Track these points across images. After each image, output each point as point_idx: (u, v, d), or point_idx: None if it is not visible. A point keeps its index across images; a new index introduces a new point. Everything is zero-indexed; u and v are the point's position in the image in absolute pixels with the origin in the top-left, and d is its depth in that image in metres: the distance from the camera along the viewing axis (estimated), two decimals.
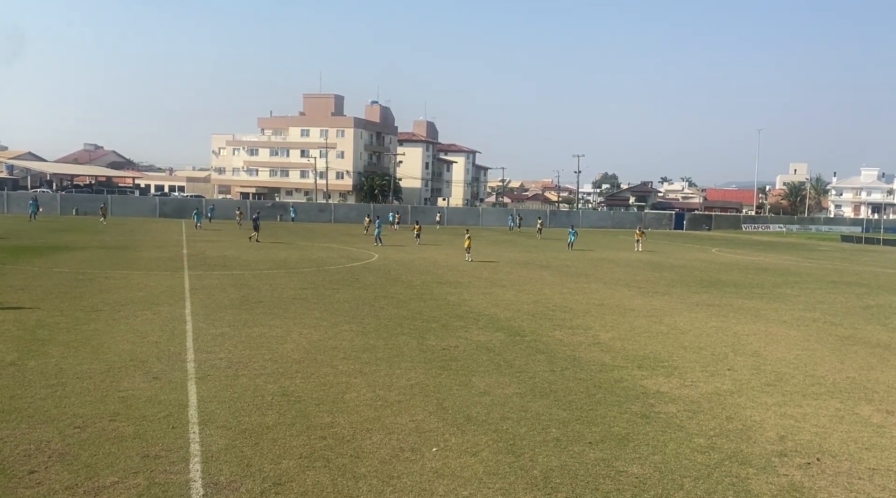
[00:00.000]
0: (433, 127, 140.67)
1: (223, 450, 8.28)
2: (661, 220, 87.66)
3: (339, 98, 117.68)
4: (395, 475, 7.78)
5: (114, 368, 11.52)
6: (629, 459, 8.52)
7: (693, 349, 15.02)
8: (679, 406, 10.79)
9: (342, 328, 15.69)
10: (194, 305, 17.87)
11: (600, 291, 24.10)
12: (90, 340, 13.43)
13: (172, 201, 70.45)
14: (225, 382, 11.05)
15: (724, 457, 8.75)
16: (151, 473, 7.56)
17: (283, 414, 9.65)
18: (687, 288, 25.84)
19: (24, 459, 7.77)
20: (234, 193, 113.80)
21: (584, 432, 9.39)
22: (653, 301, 22.07)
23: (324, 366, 12.31)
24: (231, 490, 7.25)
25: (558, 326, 16.93)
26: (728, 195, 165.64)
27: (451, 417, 9.82)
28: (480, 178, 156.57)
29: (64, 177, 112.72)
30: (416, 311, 18.41)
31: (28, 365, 11.52)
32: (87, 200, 67.11)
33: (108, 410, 9.45)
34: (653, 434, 9.46)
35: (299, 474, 7.70)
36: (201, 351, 12.96)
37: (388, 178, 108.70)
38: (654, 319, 18.57)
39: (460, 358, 13.29)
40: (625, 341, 15.52)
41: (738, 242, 60.88)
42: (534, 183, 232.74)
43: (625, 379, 12.27)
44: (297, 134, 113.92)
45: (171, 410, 9.57)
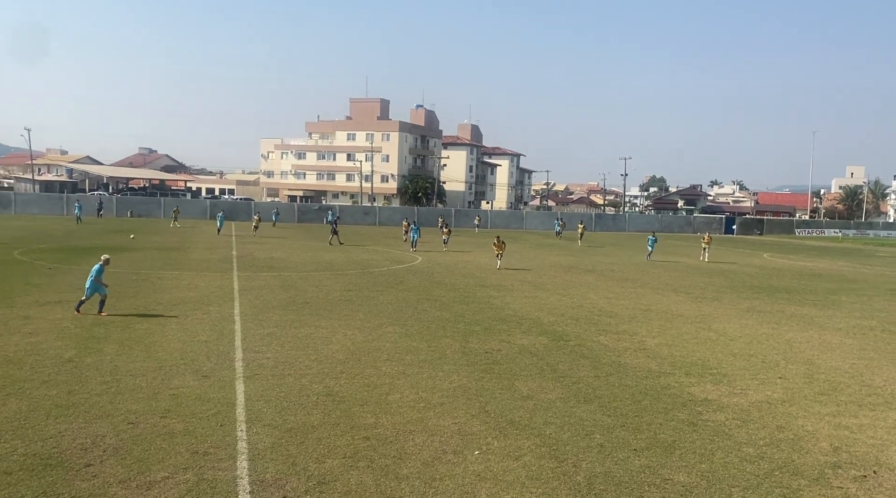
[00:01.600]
0: (477, 130, 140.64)
1: (269, 448, 8.44)
2: (710, 224, 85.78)
3: (384, 102, 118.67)
4: (437, 477, 7.80)
5: (165, 366, 11.85)
6: (675, 467, 8.36)
7: (743, 356, 14.66)
8: (728, 414, 10.55)
9: (386, 330, 15.81)
10: (243, 305, 18.25)
11: (647, 295, 23.72)
12: (143, 339, 13.84)
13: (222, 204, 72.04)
14: (272, 381, 11.25)
15: (775, 467, 8.51)
16: (200, 469, 7.75)
17: (328, 414, 9.78)
18: (737, 294, 25.24)
19: (81, 452, 8.06)
20: (282, 196, 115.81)
21: (629, 439, 9.26)
22: (701, 307, 21.62)
23: (367, 367, 12.43)
24: (276, 488, 7.38)
25: (603, 331, 16.73)
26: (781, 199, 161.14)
27: (494, 420, 9.80)
28: (524, 182, 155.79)
29: (120, 180, 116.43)
30: (459, 314, 18.42)
31: (85, 362, 11.94)
32: (142, 203, 69.18)
33: (160, 407, 9.72)
34: (700, 442, 9.27)
35: (343, 474, 7.79)
36: (249, 350, 13.23)
37: (431, 181, 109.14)
38: (702, 325, 18.19)
39: (503, 361, 13.25)
40: (672, 347, 15.25)
41: (791, 247, 59.18)
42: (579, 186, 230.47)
43: (671, 386, 12.05)
44: (343, 138, 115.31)
45: (219, 408, 9.79)
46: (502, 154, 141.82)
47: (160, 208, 66.42)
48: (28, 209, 62.40)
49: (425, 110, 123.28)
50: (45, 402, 9.74)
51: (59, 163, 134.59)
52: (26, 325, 14.68)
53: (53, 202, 64.19)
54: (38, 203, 64.47)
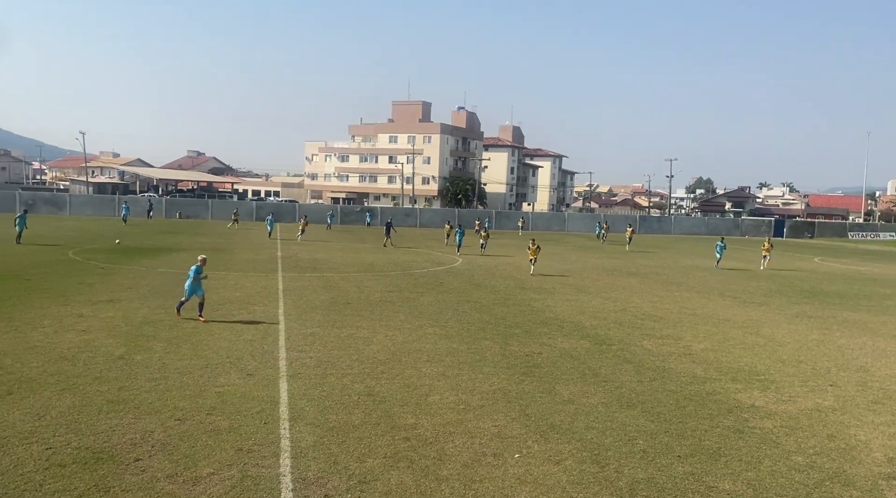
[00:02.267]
0: (519, 131, 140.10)
1: (311, 446, 8.55)
2: (759, 226, 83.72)
3: (426, 104, 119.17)
4: (477, 479, 7.79)
5: (211, 365, 12.11)
6: (720, 475, 8.19)
7: (792, 363, 14.28)
8: (776, 421, 10.29)
9: (426, 331, 15.86)
10: (287, 305, 18.53)
11: (692, 299, 23.29)
12: (190, 338, 14.17)
13: (268, 206, 73.29)
14: (314, 380, 11.40)
15: (825, 477, 8.27)
16: (244, 466, 7.90)
17: (369, 413, 9.86)
18: (786, 298, 24.58)
19: (131, 447, 8.29)
20: (325, 198, 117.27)
21: (673, 445, 9.10)
22: (749, 311, 21.13)
23: (408, 368, 12.49)
24: (318, 486, 7.47)
25: (647, 336, 16.48)
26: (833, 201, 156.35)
27: (535, 424, 9.75)
28: (567, 183, 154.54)
29: (169, 182, 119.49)
30: (500, 316, 18.37)
31: (134, 359, 12.29)
32: (190, 204, 70.84)
33: (206, 404, 9.94)
34: (746, 450, 9.06)
35: (383, 474, 7.84)
36: (292, 350, 13.43)
37: (472, 183, 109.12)
38: (749, 331, 17.78)
39: (544, 365, 13.17)
40: (718, 353, 14.94)
41: (844, 251, 57.36)
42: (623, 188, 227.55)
43: (717, 392, 11.81)
44: (385, 140, 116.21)
45: (263, 406, 9.96)
46: (544, 155, 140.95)
47: (207, 210, 67.89)
48: (82, 210, 64.47)
49: (467, 112, 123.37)
50: (97, 397, 10.05)
51: (112, 165, 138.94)
52: (80, 323, 15.17)
53: (106, 204, 66.16)
54: (92, 204, 66.54)
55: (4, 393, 10.03)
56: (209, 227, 54.55)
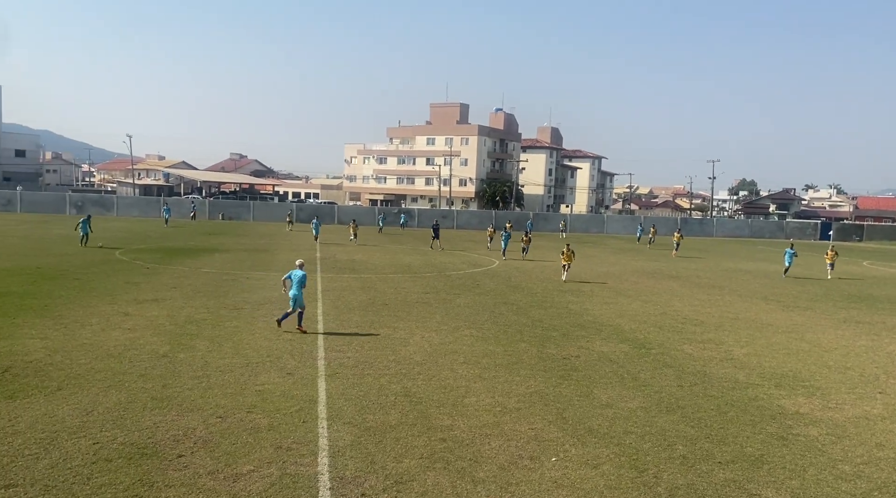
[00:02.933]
0: (557, 133, 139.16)
1: (349, 446, 8.63)
2: (804, 229, 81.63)
3: (464, 106, 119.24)
4: (513, 482, 7.77)
5: (252, 363, 12.32)
6: (763, 482, 8.01)
7: (838, 369, 13.89)
8: (821, 429, 10.03)
9: (462, 333, 15.87)
10: (325, 305, 18.74)
11: (735, 303, 22.83)
12: (232, 336, 14.44)
13: (308, 208, 74.21)
14: (352, 380, 11.51)
15: (874, 487, 8.02)
16: (283, 463, 8.01)
17: (406, 414, 9.91)
18: (833, 303, 23.92)
19: (174, 443, 8.49)
20: (363, 200, 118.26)
21: (714, 451, 8.94)
22: (793, 316, 20.62)
23: (444, 369, 12.51)
24: (355, 485, 7.54)
25: (688, 340, 16.22)
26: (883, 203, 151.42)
27: (572, 427, 9.68)
28: (606, 185, 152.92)
29: (212, 184, 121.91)
30: (537, 318, 18.28)
31: (178, 357, 12.57)
32: (232, 206, 72.15)
33: (247, 403, 10.12)
34: (790, 457, 8.85)
35: (420, 474, 7.88)
36: (331, 349, 13.58)
37: (510, 184, 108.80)
38: (794, 336, 17.35)
39: (581, 368, 13.06)
40: (761, 358, 14.62)
41: (894, 255, 55.53)
42: (664, 189, 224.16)
43: (760, 397, 11.56)
44: (423, 142, 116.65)
45: (302, 405, 10.09)
46: (583, 157, 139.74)
47: (249, 211, 69.04)
48: (129, 212, 66.19)
49: (504, 114, 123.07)
50: (142, 394, 10.31)
51: (157, 167, 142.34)
52: (126, 321, 15.58)
53: (151, 205, 67.80)
54: (138, 206, 68.26)
55: (55, 389, 10.37)
56: (251, 228, 55.47)
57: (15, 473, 7.46)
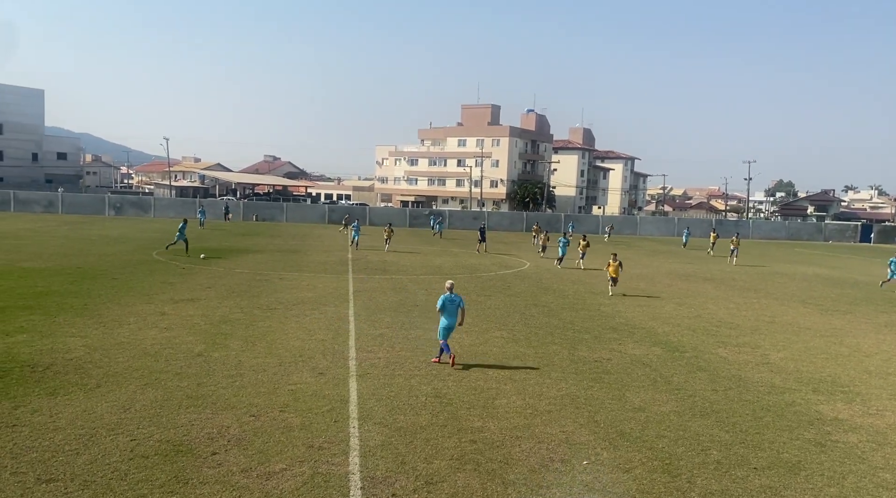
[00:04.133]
0: (590, 134, 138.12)
1: (380, 446, 8.67)
2: (843, 231, 79.72)
3: (495, 108, 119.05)
4: (544, 485, 7.73)
5: (285, 363, 12.46)
6: (800, 489, 7.85)
7: (879, 374, 13.53)
8: (861, 436, 9.78)
9: (493, 335, 15.84)
10: (357, 306, 18.86)
11: (771, 307, 22.39)
12: (265, 336, 14.62)
13: (340, 209, 74.77)
14: (383, 380, 11.57)
15: None
16: (315, 462, 8.09)
17: (436, 415, 9.92)
18: (874, 307, 23.31)
19: (208, 441, 8.62)
20: (394, 201, 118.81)
21: (749, 457, 8.78)
22: (832, 320, 20.14)
23: (475, 371, 12.50)
24: (386, 485, 7.57)
25: (722, 343, 15.95)
26: None
27: (603, 431, 9.59)
28: (639, 186, 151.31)
29: (246, 186, 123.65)
30: (568, 320, 18.15)
31: (213, 356, 12.77)
32: (266, 207, 73.07)
33: (279, 402, 10.24)
34: (829, 464, 8.64)
35: (450, 475, 7.88)
36: (362, 350, 13.66)
37: (541, 186, 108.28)
38: (833, 340, 16.95)
39: (613, 371, 12.93)
40: (798, 362, 14.31)
41: None
42: (698, 190, 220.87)
43: (797, 403, 11.32)
44: (454, 144, 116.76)
45: (333, 405, 10.17)
46: (615, 158, 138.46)
47: (283, 213, 69.82)
48: (165, 213, 67.44)
49: (536, 115, 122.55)
50: (178, 392, 10.50)
51: (193, 170, 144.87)
52: (162, 320, 15.88)
53: (188, 206, 68.94)
54: (174, 207, 69.47)
55: (94, 386, 10.62)
56: (284, 229, 56.10)
57: (55, 468, 7.66)
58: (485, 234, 40.51)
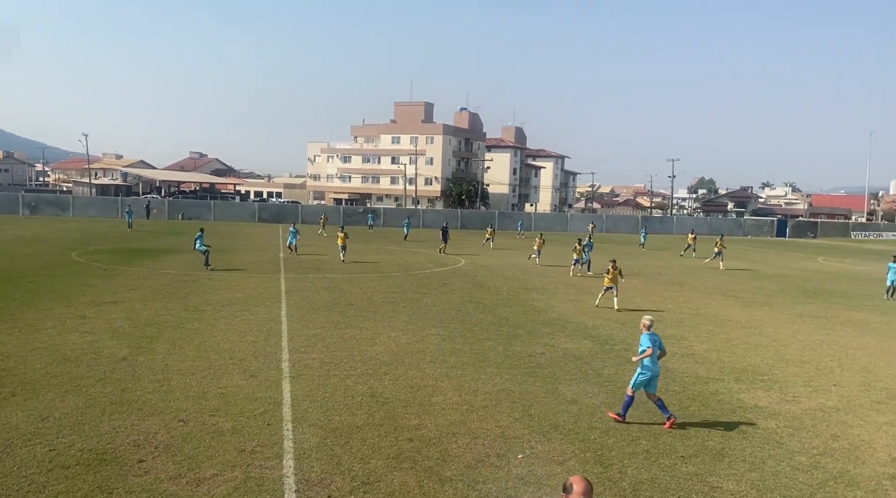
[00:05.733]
0: (521, 132, 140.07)
1: (314, 447, 8.55)
2: (761, 226, 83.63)
3: (429, 105, 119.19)
4: (480, 480, 7.79)
5: (214, 366, 12.12)
6: (724, 475, 8.18)
7: (795, 363, 14.25)
8: (780, 422, 10.27)
9: (429, 332, 15.86)
10: (289, 306, 18.54)
11: (695, 300, 23.26)
12: (193, 339, 14.19)
13: (270, 207, 73.35)
14: (317, 381, 11.41)
15: (829, 477, 8.25)
16: (248, 467, 7.90)
17: (372, 414, 9.86)
18: (789, 298, 24.54)
19: (134, 448, 8.30)
20: (327, 199, 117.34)
21: (677, 445, 9.09)
22: (752, 311, 21.09)
23: (411, 369, 12.49)
24: (322, 487, 7.47)
25: None
26: (836, 201, 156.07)
27: (538, 424, 9.74)
28: (569, 184, 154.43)
29: (172, 183, 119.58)
30: (503, 316, 18.36)
31: (138, 360, 12.30)
32: (193, 205, 70.91)
33: (209, 406, 9.95)
34: (750, 450, 9.04)
35: (387, 475, 7.84)
36: (295, 351, 13.44)
37: (475, 183, 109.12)
38: (753, 331, 17.75)
39: (547, 365, 13.16)
40: (721, 353, 14.92)
41: (847, 251, 57.25)
42: (625, 188, 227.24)
43: (720, 392, 11.79)
44: (387, 141, 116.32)
45: (266, 408, 9.97)
46: (546, 156, 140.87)
47: (210, 211, 67.94)
48: (85, 212, 64.56)
49: (469, 113, 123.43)
50: (101, 399, 10.06)
51: (115, 167, 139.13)
52: (83, 324, 15.20)
53: (109, 205, 66.26)
54: (95, 206, 66.60)
55: (8, 394, 10.05)
56: (212, 228, 54.58)
57: None
58: (447, 235, 39.54)
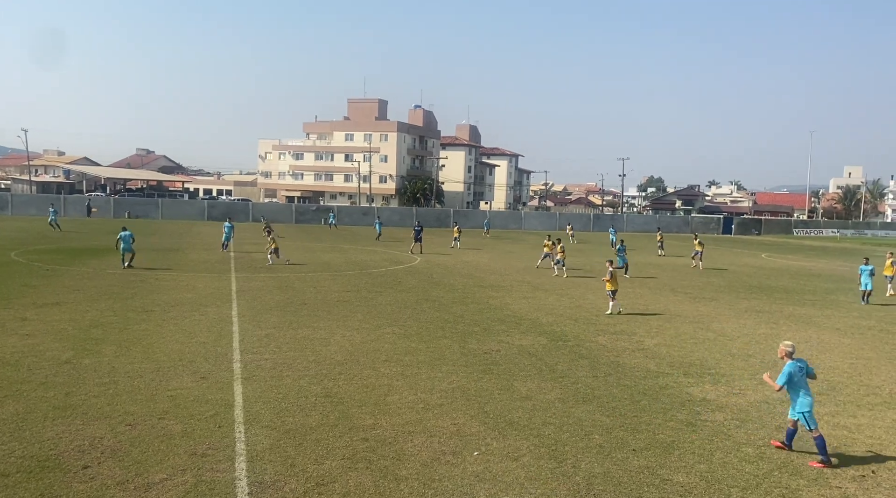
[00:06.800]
0: (476, 131, 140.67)
1: (267, 449, 8.42)
2: (708, 224, 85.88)
3: (382, 103, 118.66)
4: (436, 478, 7.79)
5: (163, 368, 11.82)
6: (674, 468, 8.36)
7: (741, 356, 14.67)
8: (727, 414, 10.55)
9: (384, 331, 15.79)
10: (241, 306, 18.22)
11: (645, 296, 23.73)
12: (141, 340, 13.81)
13: (220, 205, 71.96)
14: (270, 382, 11.23)
15: (774, 467, 8.51)
16: (199, 470, 7.72)
17: (326, 415, 9.76)
18: (735, 294, 25.25)
19: (78, 454, 8.03)
20: (279, 197, 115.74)
21: (628, 439, 9.25)
22: (699, 307, 21.63)
23: (366, 368, 12.41)
24: (275, 489, 7.36)
25: (601, 332, 16.73)
26: (779, 199, 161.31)
27: (493, 421, 9.79)
28: (523, 182, 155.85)
29: (117, 181, 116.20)
30: (458, 314, 18.41)
31: (82, 363, 11.91)
32: (139, 204, 69.09)
33: (158, 409, 9.70)
34: (699, 442, 9.26)
35: (342, 475, 7.77)
36: (247, 352, 13.20)
37: (430, 181, 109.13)
38: (700, 326, 18.20)
39: (502, 362, 13.24)
40: (670, 347, 15.25)
41: (789, 248, 59.24)
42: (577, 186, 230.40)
43: (670, 386, 12.05)
44: (341, 138, 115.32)
45: (217, 410, 9.76)
46: (501, 155, 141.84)
47: (157, 209, 66.33)
48: (25, 210, 62.27)
49: (423, 111, 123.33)
50: (43, 404, 9.71)
51: (57, 164, 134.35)
52: (23, 326, 14.64)
53: (50, 203, 64.01)
54: (36, 204, 64.29)
55: None
56: (160, 226, 53.27)
57: None
58: (420, 235, 38.22)
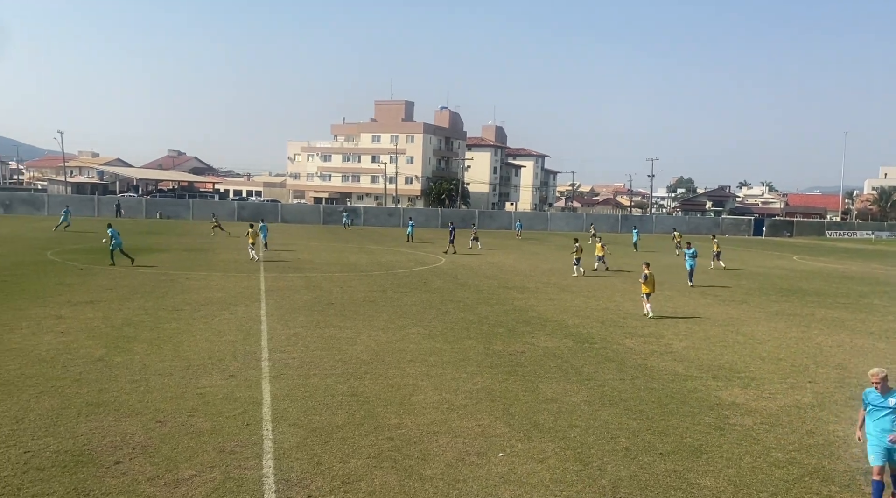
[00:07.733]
0: (502, 131, 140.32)
1: (294, 447, 8.50)
2: (738, 225, 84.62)
3: (409, 104, 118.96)
4: (461, 479, 7.80)
5: (193, 366, 12.00)
6: (702, 472, 8.26)
7: (772, 360, 14.44)
8: (756, 418, 10.40)
9: (410, 331, 15.84)
10: (269, 305, 18.42)
11: (674, 298, 23.47)
12: (172, 339, 14.04)
13: (250, 206, 72.80)
14: (297, 381, 11.34)
15: (805, 473, 8.37)
16: (227, 467, 7.84)
17: (352, 414, 9.83)
18: (766, 296, 24.86)
19: (111, 450, 8.19)
20: (308, 198, 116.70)
21: (655, 443, 9.17)
22: (729, 310, 21.33)
23: (391, 368, 12.47)
24: (301, 487, 7.43)
25: (629, 334, 16.59)
26: (811, 200, 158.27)
27: (518, 422, 9.77)
28: (549, 183, 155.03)
29: (149, 182, 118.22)
30: (483, 315, 18.40)
31: (115, 361, 12.15)
32: (171, 204, 70.20)
33: (188, 406, 9.85)
34: (727, 447, 9.14)
35: (367, 474, 7.82)
36: (275, 350, 13.35)
37: (455, 182, 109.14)
38: (730, 329, 17.95)
39: (527, 364, 13.21)
40: (699, 351, 15.07)
41: (822, 250, 58.10)
42: (605, 187, 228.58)
43: (698, 389, 11.91)
44: (368, 140, 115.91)
45: (245, 408, 9.89)
46: (527, 155, 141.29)
47: (188, 210, 67.35)
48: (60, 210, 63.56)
49: (450, 112, 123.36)
50: (77, 400, 9.92)
51: (91, 165, 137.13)
52: (59, 324, 14.97)
53: (85, 204, 65.37)
54: (70, 204, 65.58)
55: None
56: (190, 227, 54.06)
57: None
58: (454, 234, 38.32)
